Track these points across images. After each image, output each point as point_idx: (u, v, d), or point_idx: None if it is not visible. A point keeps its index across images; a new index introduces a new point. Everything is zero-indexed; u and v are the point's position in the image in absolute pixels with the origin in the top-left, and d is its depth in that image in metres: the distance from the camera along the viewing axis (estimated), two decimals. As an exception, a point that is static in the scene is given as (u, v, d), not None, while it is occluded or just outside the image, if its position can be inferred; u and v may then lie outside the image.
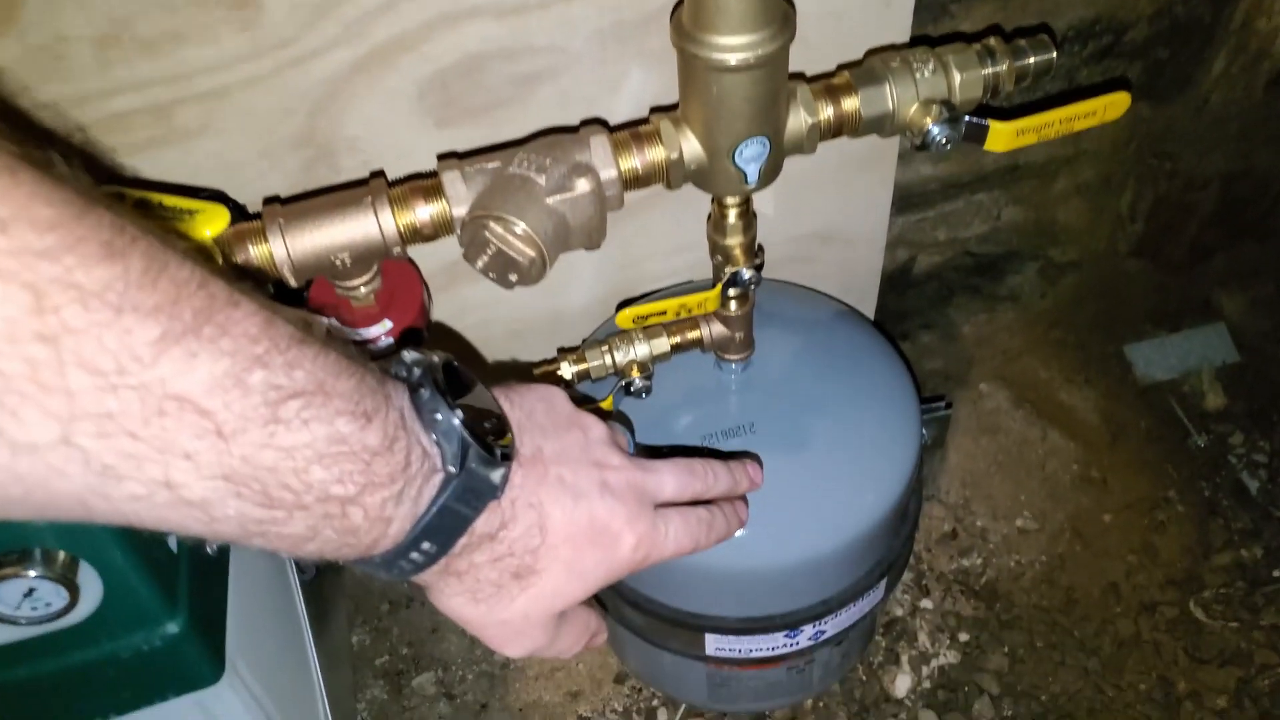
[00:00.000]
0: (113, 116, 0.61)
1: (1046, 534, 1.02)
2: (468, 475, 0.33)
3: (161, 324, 0.25)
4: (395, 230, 0.51)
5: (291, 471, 0.28)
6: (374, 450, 0.30)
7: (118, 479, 0.26)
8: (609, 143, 0.52)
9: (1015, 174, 0.95)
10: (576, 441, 0.40)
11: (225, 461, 0.27)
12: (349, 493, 0.30)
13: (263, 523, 0.29)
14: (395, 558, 0.33)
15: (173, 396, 0.26)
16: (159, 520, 0.27)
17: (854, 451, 0.67)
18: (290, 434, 0.28)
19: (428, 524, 0.33)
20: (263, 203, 0.52)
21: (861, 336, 0.73)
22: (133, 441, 0.25)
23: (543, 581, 0.37)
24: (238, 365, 0.27)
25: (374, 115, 0.66)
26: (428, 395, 0.33)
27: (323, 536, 0.30)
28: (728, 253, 0.59)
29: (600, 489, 0.39)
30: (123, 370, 0.25)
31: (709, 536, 0.44)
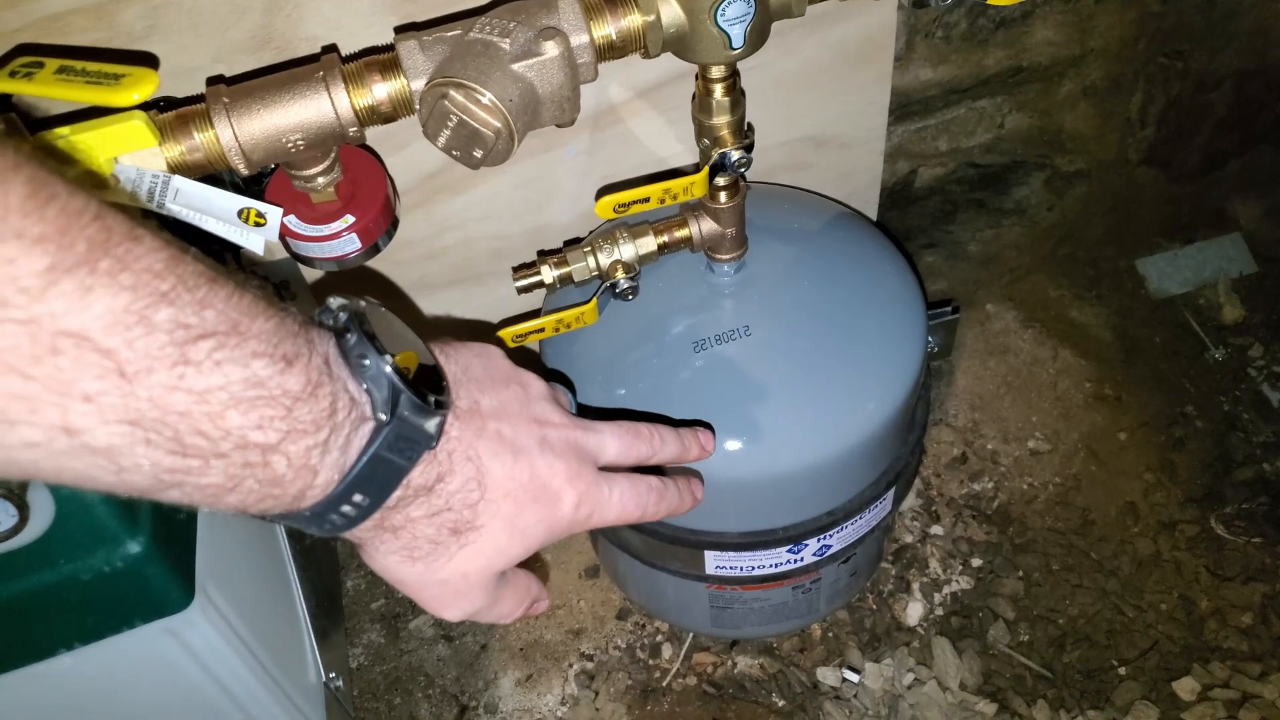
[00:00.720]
0: (50, 18, 0.56)
1: (1060, 455, 0.98)
2: (400, 423, 0.32)
3: (49, 254, 0.23)
4: (350, 109, 0.47)
5: (205, 416, 0.27)
6: (295, 395, 0.29)
7: (9, 424, 0.24)
8: (579, 5, 0.48)
9: (1019, 76, 0.91)
10: (515, 397, 0.39)
11: (131, 405, 0.25)
12: (269, 440, 0.28)
13: (176, 472, 0.27)
14: (325, 510, 0.31)
15: (66, 333, 0.24)
16: (60, 469, 0.26)
17: (856, 354, 0.63)
18: (201, 376, 0.26)
19: (359, 474, 0.31)
20: (206, 83, 0.48)
21: (861, 236, 0.69)
22: (24, 381, 0.24)
23: (482, 539, 0.36)
24: (140, 301, 0.25)
25: (334, 12, 0.61)
26: (354, 340, 0.32)
27: (244, 487, 0.29)
28: (714, 134, 0.55)
29: (540, 445, 0.38)
30: (5, 303, 0.23)
31: (658, 505, 0.43)
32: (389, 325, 0.34)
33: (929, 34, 0.84)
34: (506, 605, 0.40)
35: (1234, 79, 0.98)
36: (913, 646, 0.88)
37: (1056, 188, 1.01)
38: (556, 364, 0.67)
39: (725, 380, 0.61)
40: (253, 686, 0.60)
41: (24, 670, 0.52)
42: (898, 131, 0.90)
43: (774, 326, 0.62)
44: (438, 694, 0.89)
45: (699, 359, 0.62)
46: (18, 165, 0.23)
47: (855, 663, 0.87)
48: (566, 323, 0.59)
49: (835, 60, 0.74)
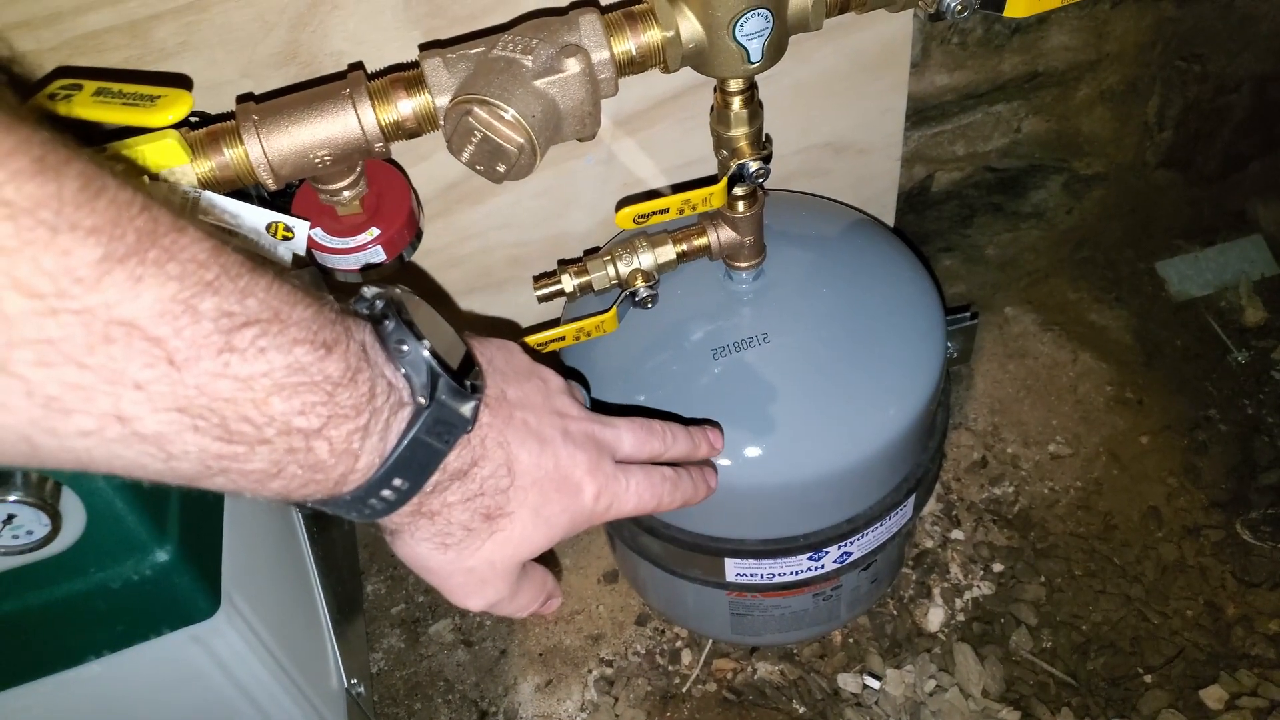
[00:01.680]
0: (87, 36, 0.58)
1: (1081, 459, 0.98)
2: (438, 407, 0.32)
3: (103, 245, 0.24)
4: (376, 125, 0.48)
5: (250, 403, 0.27)
6: (336, 381, 0.29)
7: (65, 412, 0.24)
8: (600, 22, 0.49)
9: (1035, 82, 0.91)
10: (537, 389, 0.40)
11: (179, 392, 0.26)
12: (312, 425, 0.29)
13: (223, 458, 0.28)
14: (366, 495, 0.32)
15: (119, 322, 0.24)
16: (112, 458, 0.26)
17: (876, 361, 0.63)
18: (246, 363, 0.27)
19: (399, 457, 0.32)
20: (235, 101, 0.49)
21: (880, 243, 0.69)
22: (79, 371, 0.24)
23: (511, 525, 0.37)
24: (186, 290, 0.25)
25: (358, 28, 0.62)
26: (392, 326, 0.32)
27: (287, 473, 0.29)
28: (732, 145, 0.56)
29: (563, 436, 0.39)
30: (63, 294, 0.23)
31: (673, 495, 0.44)
32: (423, 312, 0.35)
33: (944, 40, 0.84)
34: (525, 597, 0.41)
35: (1253, 82, 0.97)
36: (934, 653, 0.88)
37: (1074, 191, 1.01)
38: (577, 372, 0.68)
39: (744, 387, 0.62)
40: (276, 693, 0.61)
41: (54, 677, 0.53)
42: (914, 136, 0.90)
43: (793, 333, 0.63)
44: (457, 699, 0.90)
45: (718, 366, 0.62)
46: (69, 159, 0.24)
47: (876, 669, 0.87)
48: (587, 331, 0.60)
49: (852, 68, 0.75)
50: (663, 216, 0.55)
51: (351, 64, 0.62)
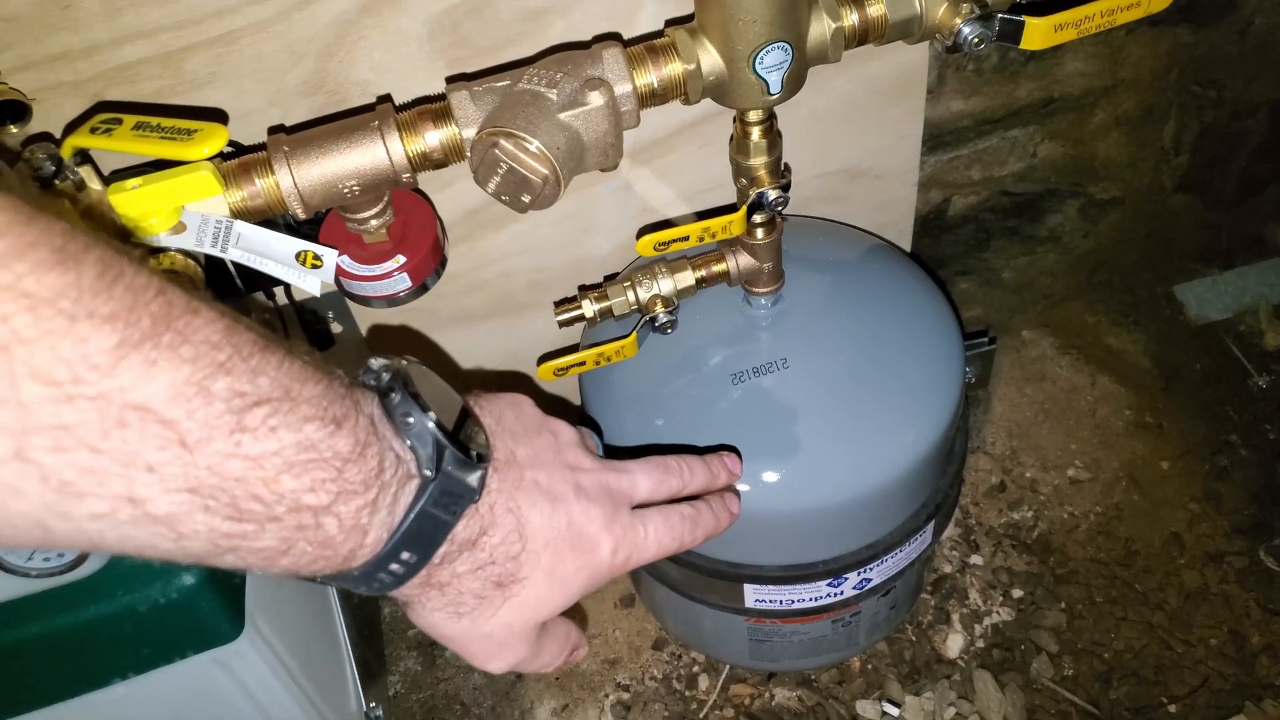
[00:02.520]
0: (121, 67, 0.59)
1: (1100, 484, 0.98)
2: (445, 479, 0.32)
3: (119, 331, 0.24)
4: (404, 156, 0.49)
5: (261, 482, 0.27)
6: (345, 457, 0.29)
7: (78, 496, 0.25)
8: (623, 55, 0.50)
9: (1050, 107, 0.91)
10: (548, 445, 0.39)
11: (191, 473, 0.26)
12: (322, 502, 0.29)
13: (233, 537, 0.28)
14: (375, 570, 0.32)
15: (133, 406, 0.25)
16: (123, 540, 0.26)
17: (894, 386, 0.63)
18: (257, 442, 0.27)
19: (406, 531, 0.32)
20: (267, 132, 0.50)
21: (897, 269, 0.70)
22: (93, 455, 0.24)
23: (525, 590, 0.37)
24: (199, 372, 0.26)
25: (384, 59, 0.64)
26: (398, 399, 0.32)
27: (297, 550, 0.29)
28: (752, 174, 0.56)
29: (576, 492, 0.38)
30: (79, 380, 0.24)
31: (694, 532, 0.43)
32: (429, 382, 0.35)
33: (960, 67, 0.85)
34: (548, 655, 0.41)
35: (1269, 107, 0.98)
36: (953, 680, 0.88)
37: (1091, 215, 1.01)
38: (596, 395, 0.68)
39: (764, 412, 0.62)
40: (297, 716, 0.62)
41: (80, 699, 0.54)
42: (930, 161, 0.90)
43: (812, 359, 0.63)
44: (476, 723, 0.90)
45: (737, 391, 0.63)
46: (88, 247, 0.25)
47: (895, 695, 0.87)
48: (607, 356, 0.61)
49: (868, 96, 0.76)
50: (683, 244, 0.56)
51: (380, 96, 0.63)
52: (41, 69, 0.58)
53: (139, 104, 0.59)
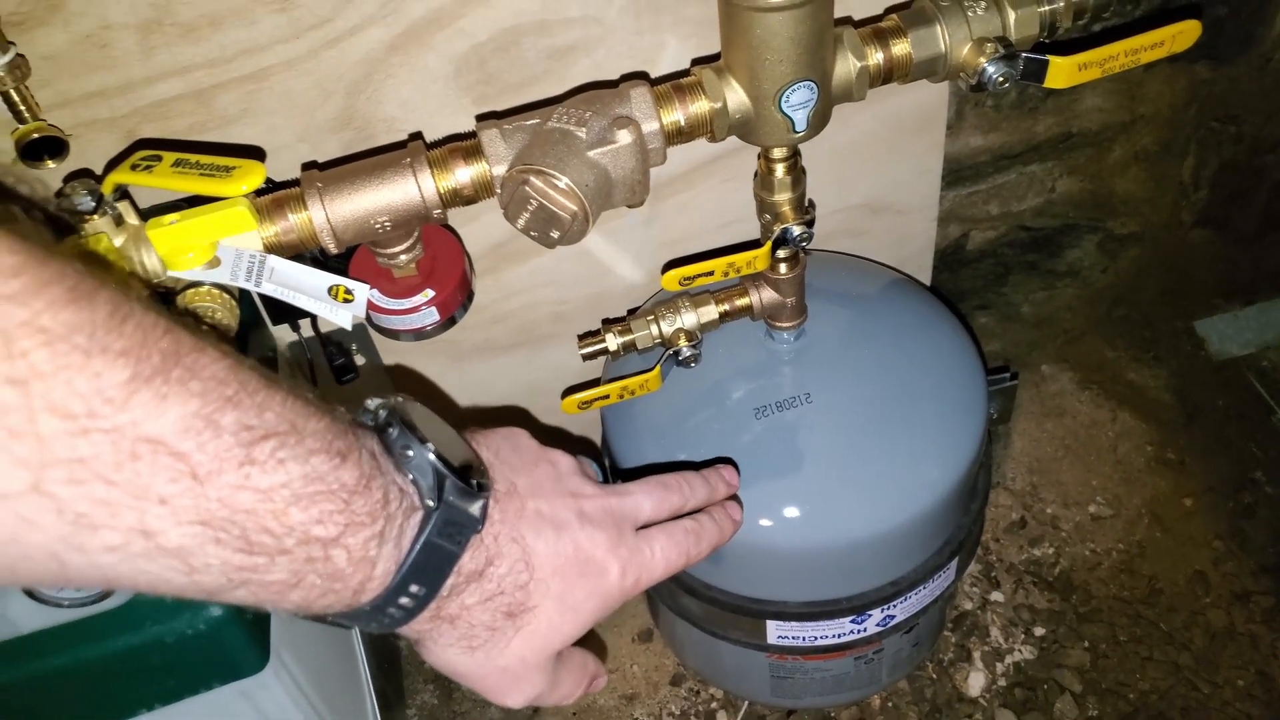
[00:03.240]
0: (155, 104, 0.61)
1: (1122, 520, 0.97)
2: (447, 509, 0.33)
3: (130, 366, 0.25)
4: (435, 193, 0.50)
5: (270, 514, 0.28)
6: (351, 488, 0.30)
7: (92, 528, 0.25)
8: (650, 94, 0.51)
9: (1069, 142, 0.92)
10: (548, 474, 0.40)
11: (202, 505, 0.26)
12: (330, 534, 0.29)
13: (244, 570, 0.28)
14: (385, 604, 0.32)
15: (145, 439, 0.25)
16: (136, 573, 0.27)
17: (918, 422, 0.63)
18: (266, 475, 0.28)
19: (413, 562, 0.32)
20: (300, 168, 0.51)
21: (919, 304, 0.70)
22: (107, 487, 0.25)
23: (537, 619, 0.37)
24: (208, 406, 0.27)
25: (411, 95, 0.65)
26: (396, 433, 0.33)
27: (307, 583, 0.30)
28: (776, 210, 0.57)
29: (579, 518, 0.39)
30: (93, 414, 0.24)
31: (699, 545, 0.43)
32: (425, 417, 0.35)
33: (979, 103, 0.86)
34: (566, 686, 0.40)
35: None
36: (975, 719, 0.87)
37: (1110, 250, 1.01)
38: (618, 428, 0.69)
39: (787, 447, 0.62)
40: (319, 748, 0.61)
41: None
42: (949, 196, 0.91)
43: (835, 393, 0.63)
44: (493, 758, 0.89)
45: (760, 425, 0.63)
46: (99, 286, 0.26)
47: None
48: (631, 389, 0.61)
49: (889, 131, 0.76)
50: (708, 278, 0.56)
51: (411, 134, 0.64)
52: (78, 106, 0.59)
53: (176, 140, 0.60)
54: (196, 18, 0.58)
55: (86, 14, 0.56)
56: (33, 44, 0.56)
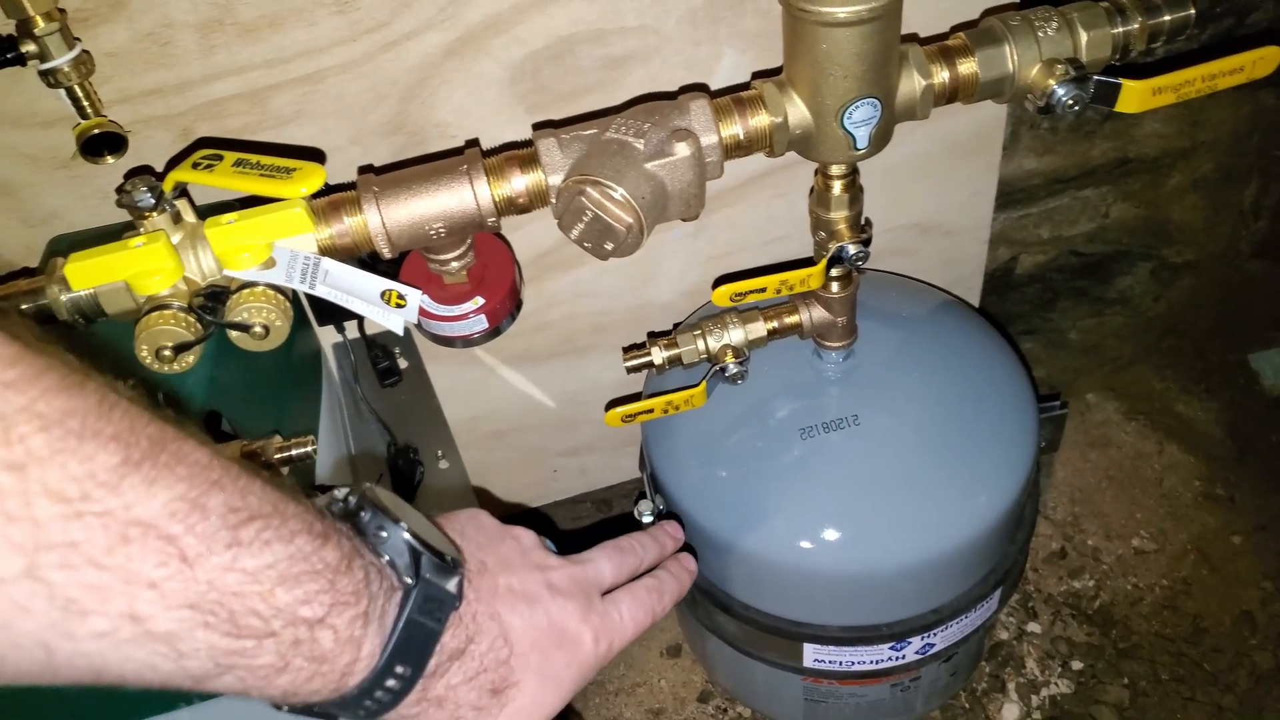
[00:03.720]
0: (211, 103, 0.61)
1: (1167, 556, 0.94)
2: (425, 585, 0.33)
3: (121, 451, 0.26)
4: (490, 200, 0.49)
5: (258, 595, 0.28)
6: (334, 568, 0.30)
7: (82, 614, 0.25)
8: (710, 107, 0.50)
9: (1126, 168, 0.90)
10: (514, 550, 0.40)
11: (191, 589, 0.27)
12: (317, 614, 0.30)
13: (232, 654, 0.28)
14: (372, 687, 0.32)
15: (135, 522, 0.26)
16: (124, 660, 0.26)
17: (967, 449, 0.62)
18: (252, 556, 0.28)
19: (397, 642, 0.32)
20: (357, 171, 0.51)
21: (971, 327, 0.68)
22: (98, 572, 0.25)
23: (521, 694, 0.37)
24: (194, 490, 0.27)
25: (465, 101, 0.65)
26: (369, 516, 0.34)
27: (294, 666, 0.29)
28: (831, 228, 0.56)
29: (550, 590, 0.40)
30: (87, 497, 0.25)
31: (663, 601, 0.44)
32: (393, 501, 0.36)
33: (1035, 125, 0.84)
34: None
35: (1354, 174, 0.95)
36: (1009, 752, 0.85)
37: (1163, 278, 0.99)
38: (658, 442, 0.68)
39: (832, 469, 0.61)
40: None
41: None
42: (999, 218, 0.89)
43: (883, 416, 0.62)
44: (516, 768, 0.88)
45: (805, 446, 0.62)
46: (88, 375, 0.26)
47: (948, 765, 0.84)
48: (675, 405, 0.60)
49: (943, 151, 0.75)
50: (759, 295, 0.55)
51: (468, 141, 0.64)
52: (137, 103, 0.60)
53: (235, 140, 0.60)
54: (257, 18, 0.58)
55: (149, 11, 0.57)
56: (96, 40, 0.56)
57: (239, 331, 0.45)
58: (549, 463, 0.89)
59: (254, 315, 0.45)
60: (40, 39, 0.51)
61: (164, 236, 0.45)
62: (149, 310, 0.44)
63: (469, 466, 0.85)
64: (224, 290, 0.46)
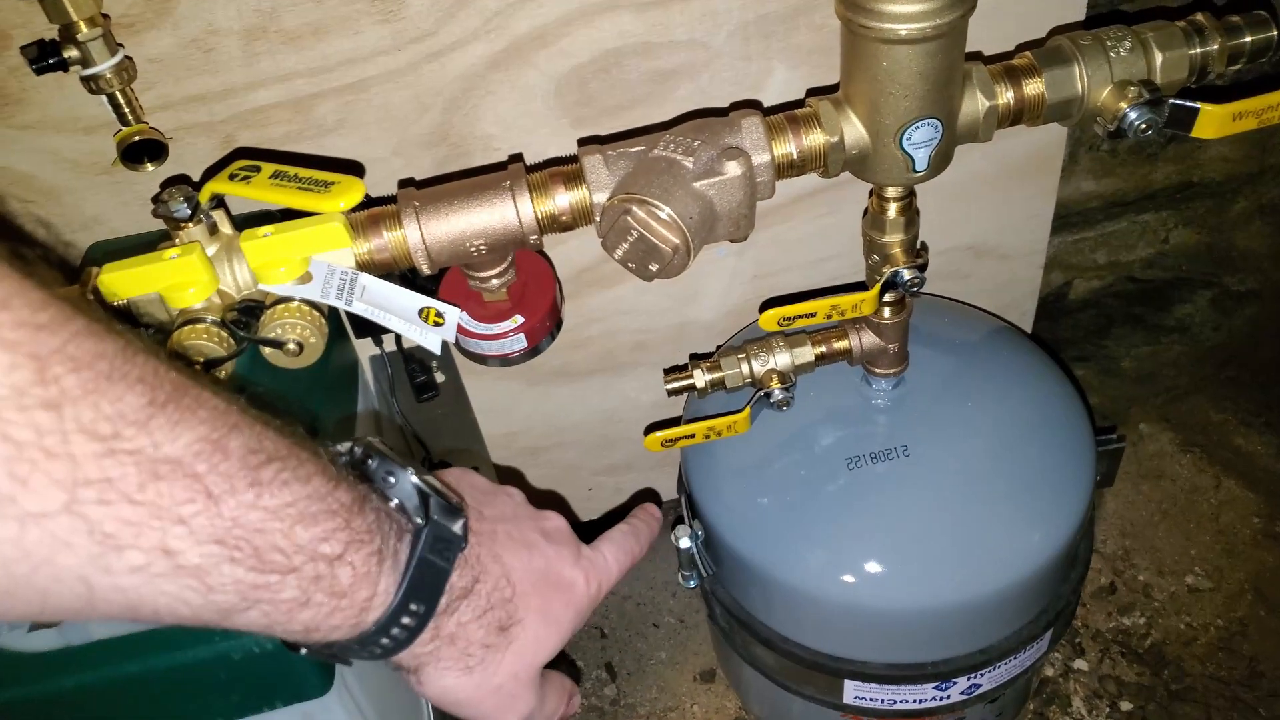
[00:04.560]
0: (254, 110, 0.60)
1: (1223, 595, 0.90)
2: (434, 526, 0.35)
3: (147, 393, 0.27)
4: (533, 217, 0.48)
5: (280, 532, 0.29)
6: (349, 508, 0.32)
7: (118, 549, 0.26)
8: (762, 125, 0.48)
9: (1188, 192, 0.86)
10: (507, 504, 0.42)
11: (217, 525, 0.28)
12: (335, 551, 0.31)
13: (258, 588, 0.29)
14: (389, 623, 0.33)
15: (165, 460, 0.27)
16: (156, 595, 0.28)
17: (1021, 484, 0.59)
18: (272, 495, 0.29)
19: (411, 579, 0.34)
20: (397, 185, 0.50)
21: (1026, 356, 0.66)
22: (132, 507, 0.26)
23: (525, 632, 0.39)
24: (216, 431, 0.28)
25: (509, 114, 0.64)
26: (376, 463, 0.35)
27: (315, 601, 0.31)
28: (886, 251, 0.54)
29: (545, 537, 0.42)
30: (119, 435, 0.26)
31: (640, 543, 0.47)
32: (395, 451, 0.37)
33: (1094, 146, 0.81)
34: (552, 702, 0.42)
35: None
36: (1053, 796, 0.81)
37: (1224, 307, 0.95)
38: (697, 466, 0.66)
39: (880, 501, 0.59)
40: (375, 776, 0.60)
41: (171, 737, 0.53)
42: (1053, 242, 0.86)
43: (934, 448, 0.59)
44: (541, 791, 0.86)
45: (851, 476, 0.59)
46: (109, 325, 0.27)
47: (989, 808, 0.80)
48: (718, 430, 0.58)
49: (999, 172, 0.73)
50: (809, 320, 0.53)
51: (512, 156, 0.63)
52: (179, 109, 0.59)
53: (273, 151, 0.60)
54: (301, 25, 0.58)
55: (194, 18, 0.56)
56: (140, 46, 0.56)
57: (272, 348, 0.44)
58: (585, 480, 0.88)
59: (288, 331, 0.44)
60: (83, 45, 0.50)
61: (199, 249, 0.44)
62: (181, 323, 0.44)
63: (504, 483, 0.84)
64: (259, 305, 0.45)
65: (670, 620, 0.94)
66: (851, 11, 0.45)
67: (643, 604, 0.95)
